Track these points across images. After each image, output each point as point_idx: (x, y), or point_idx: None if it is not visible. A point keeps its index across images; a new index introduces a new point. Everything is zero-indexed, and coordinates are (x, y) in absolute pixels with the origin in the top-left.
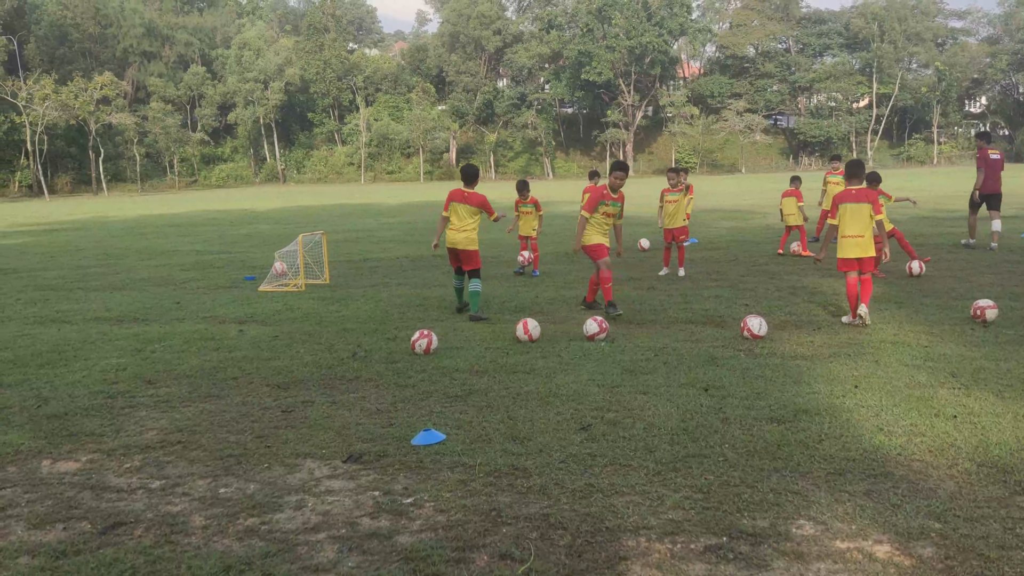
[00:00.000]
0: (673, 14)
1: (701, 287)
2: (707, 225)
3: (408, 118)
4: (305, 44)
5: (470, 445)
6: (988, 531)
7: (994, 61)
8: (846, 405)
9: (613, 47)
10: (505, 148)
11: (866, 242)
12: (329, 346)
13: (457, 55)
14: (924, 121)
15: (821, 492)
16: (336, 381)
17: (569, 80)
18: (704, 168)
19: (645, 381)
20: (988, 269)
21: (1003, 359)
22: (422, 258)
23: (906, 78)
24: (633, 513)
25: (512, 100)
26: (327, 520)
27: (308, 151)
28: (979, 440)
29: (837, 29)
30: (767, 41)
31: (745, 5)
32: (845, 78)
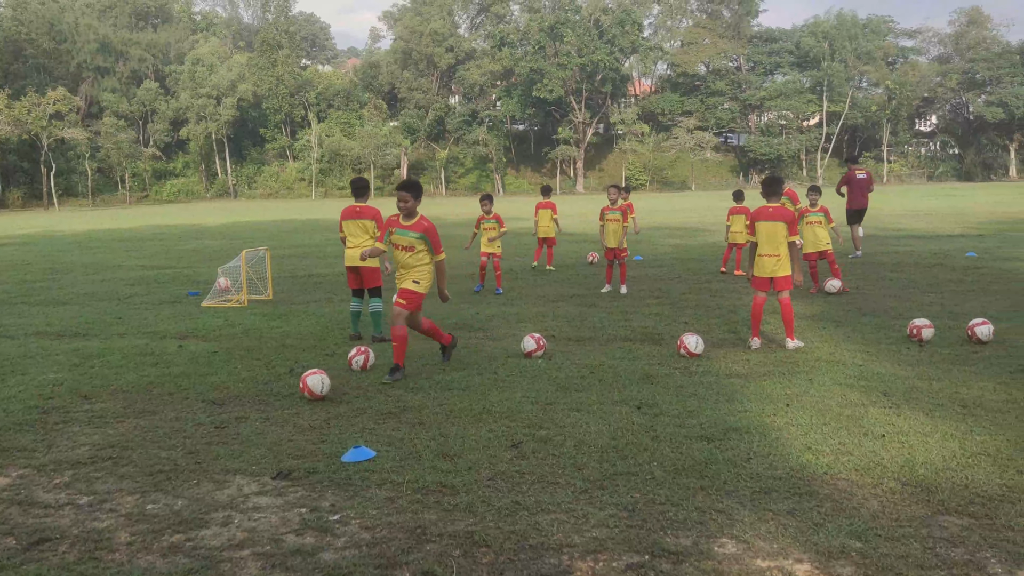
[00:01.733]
0: (624, 32)
1: (642, 304)
2: (652, 242)
3: (360, 134)
4: (258, 60)
5: (400, 462)
6: (908, 551)
7: (944, 80)
8: (776, 424)
9: (564, 65)
10: (456, 164)
11: (781, 261)
12: (267, 362)
13: (409, 72)
14: (874, 139)
15: (746, 510)
16: (272, 397)
17: (520, 97)
18: (654, 185)
19: (579, 398)
20: (929, 289)
21: (936, 378)
22: None
23: (856, 96)
24: (558, 531)
25: (464, 117)
26: (252, 537)
27: (260, 167)
28: (906, 459)
29: (788, 48)
30: (718, 59)
31: (696, 23)
32: (796, 96)
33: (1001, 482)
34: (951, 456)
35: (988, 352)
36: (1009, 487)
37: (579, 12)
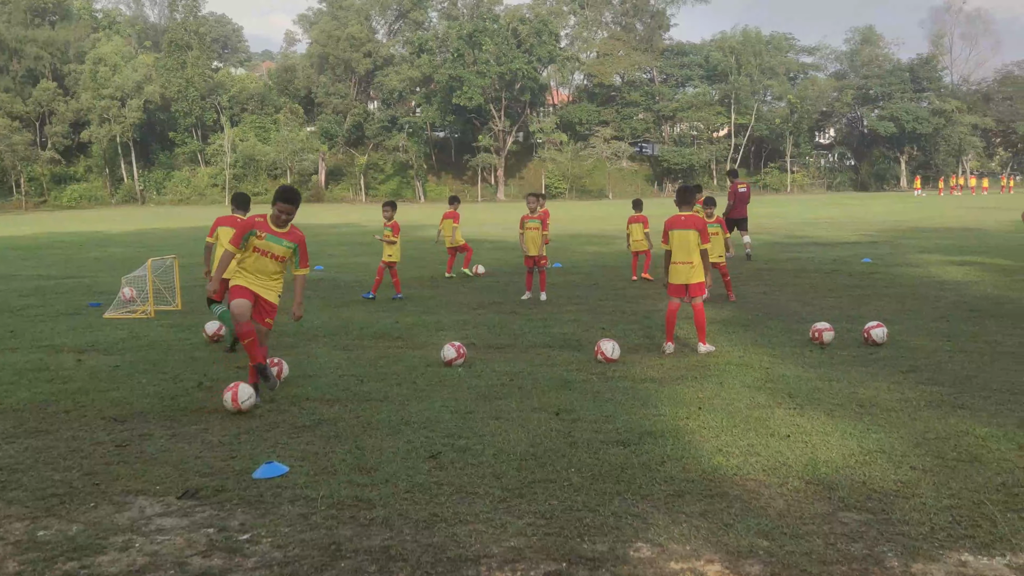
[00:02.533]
0: (542, 42)
1: (561, 311)
2: (571, 250)
3: (275, 139)
4: (166, 61)
5: (314, 477)
6: (812, 547)
7: (841, 95)
8: (689, 427)
9: (484, 73)
10: (376, 171)
11: (695, 268)
12: (174, 376)
13: (326, 76)
14: (778, 151)
15: (660, 514)
16: (178, 413)
17: (440, 104)
18: (573, 193)
19: (498, 406)
20: (830, 293)
21: (836, 379)
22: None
23: (761, 110)
24: (475, 542)
25: (383, 123)
26: (155, 561)
27: (169, 172)
28: (809, 458)
29: (698, 61)
30: (632, 71)
31: (611, 35)
32: (705, 108)
33: (896, 478)
34: (850, 454)
35: (883, 353)
36: (903, 483)
37: (497, 21)
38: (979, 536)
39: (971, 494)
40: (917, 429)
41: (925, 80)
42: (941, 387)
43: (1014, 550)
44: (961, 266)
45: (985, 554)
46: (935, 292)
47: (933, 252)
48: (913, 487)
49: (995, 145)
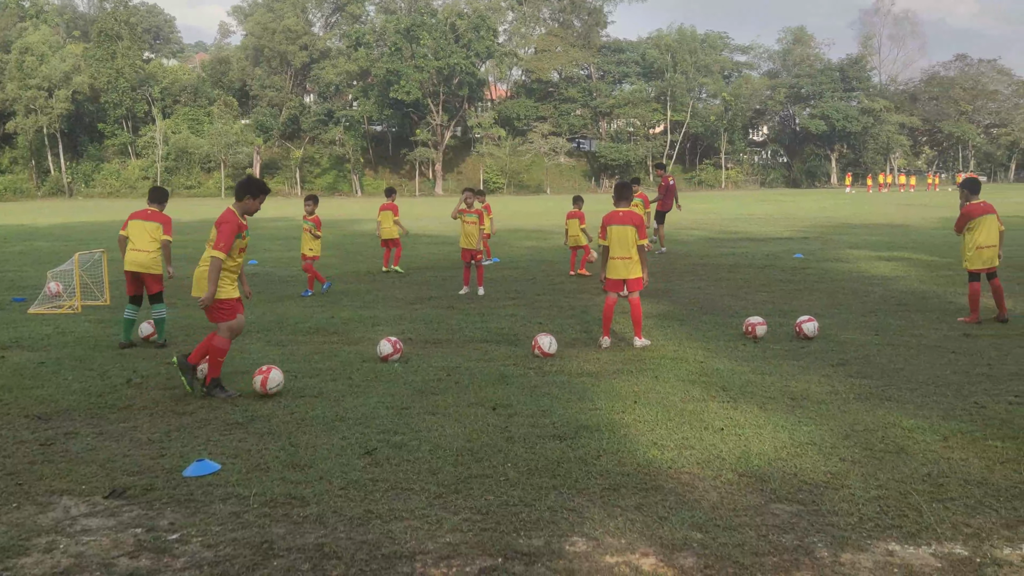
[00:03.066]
0: (480, 37)
1: (498, 306)
2: (508, 244)
3: (209, 132)
4: (95, 51)
5: (246, 474)
6: (744, 539)
7: (774, 94)
8: (625, 420)
9: (421, 67)
10: (312, 164)
11: (632, 263)
12: (102, 372)
13: (262, 69)
14: (713, 148)
15: (596, 508)
16: (106, 410)
17: (378, 98)
18: (511, 189)
19: (435, 402)
20: (763, 288)
21: (768, 373)
22: None
23: (697, 107)
24: (411, 538)
25: (319, 116)
26: (80, 562)
27: (98, 164)
28: (742, 451)
29: (634, 58)
30: (570, 67)
31: (549, 31)
32: (642, 105)
33: (826, 469)
34: (782, 447)
35: (814, 347)
36: (833, 474)
37: (435, 15)
38: (906, 526)
39: (898, 485)
40: (846, 421)
41: (854, 80)
42: (869, 380)
43: (939, 539)
44: (889, 261)
45: (911, 543)
46: (864, 287)
47: (862, 248)
48: (842, 478)
49: (921, 144)
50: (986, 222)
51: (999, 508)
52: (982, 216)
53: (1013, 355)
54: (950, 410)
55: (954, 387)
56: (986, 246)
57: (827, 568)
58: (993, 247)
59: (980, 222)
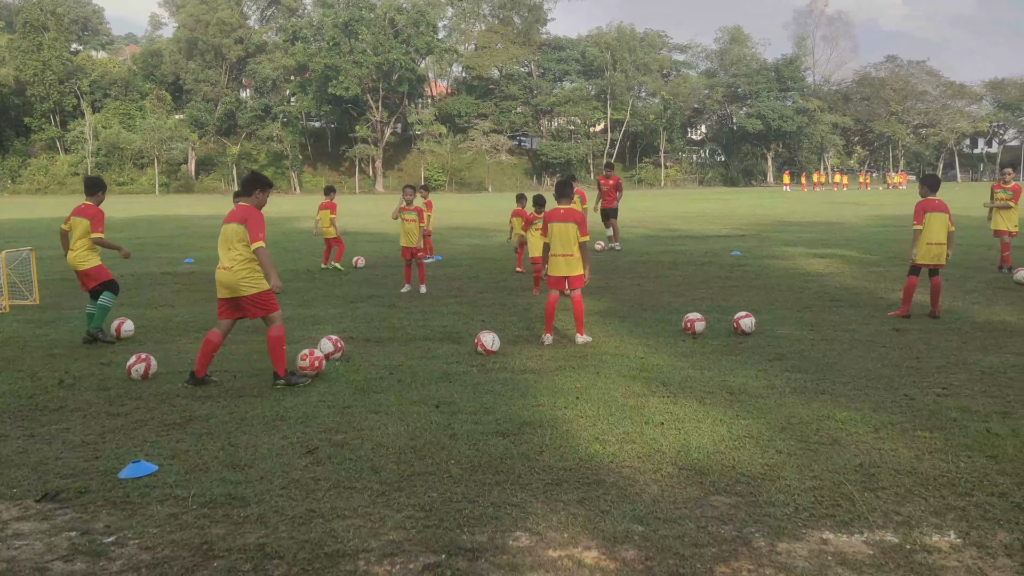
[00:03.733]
0: (420, 32)
1: (441, 304)
2: (450, 242)
3: (141, 127)
4: (20, 43)
5: (185, 475)
6: (684, 531)
7: (712, 93)
8: (567, 416)
9: (360, 62)
10: (249, 161)
11: (574, 260)
12: (32, 373)
13: (196, 63)
14: (653, 146)
15: (539, 503)
16: (37, 412)
17: (316, 94)
18: (453, 186)
19: (377, 400)
20: (701, 285)
21: (707, 368)
22: (148, 276)
23: (636, 105)
24: (353, 537)
25: (256, 112)
26: (12, 568)
27: (25, 159)
28: (681, 444)
29: (575, 56)
30: (511, 64)
31: (489, 28)
32: (583, 103)
33: (763, 462)
34: (720, 440)
35: (751, 342)
36: (770, 466)
37: (374, 10)
38: (839, 515)
39: (832, 475)
40: (783, 414)
41: (789, 80)
42: (805, 374)
43: (871, 527)
44: (823, 258)
45: (845, 532)
46: (799, 283)
47: (797, 245)
48: (779, 470)
49: (854, 143)
50: (934, 219)
51: (928, 496)
52: (932, 212)
53: (940, 349)
54: (881, 402)
55: (885, 380)
56: (934, 243)
57: (764, 558)
58: (940, 244)
59: (930, 218)
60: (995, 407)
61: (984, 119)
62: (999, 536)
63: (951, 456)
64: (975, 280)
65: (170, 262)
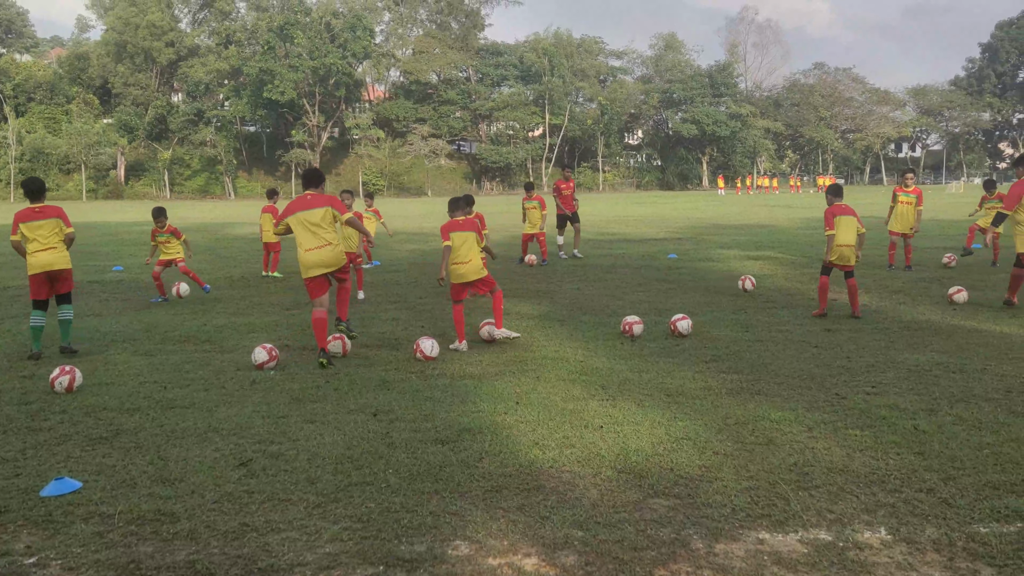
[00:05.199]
0: (356, 37)
1: (380, 310)
2: (389, 248)
3: (67, 131)
4: None
5: (111, 492)
6: (623, 535)
7: (647, 98)
8: (507, 422)
9: (296, 66)
10: (181, 166)
11: (476, 265)
12: None
13: (125, 66)
14: (591, 151)
15: (478, 511)
16: None
17: (251, 98)
18: (392, 191)
19: (313, 409)
20: (639, 287)
21: (645, 370)
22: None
23: (574, 110)
24: (288, 550)
25: (188, 116)
26: None
27: None
28: (620, 448)
29: (512, 61)
30: (449, 69)
31: (427, 33)
32: (521, 108)
33: (700, 463)
34: (659, 442)
35: (687, 344)
36: (707, 467)
37: (309, 14)
38: (775, 515)
39: (767, 475)
40: (719, 415)
41: (723, 86)
42: (740, 375)
43: (805, 526)
44: (757, 260)
45: (780, 531)
46: (734, 285)
47: (732, 247)
48: (716, 471)
49: (785, 148)
50: (843, 222)
51: (859, 494)
52: (841, 216)
53: (869, 348)
54: (814, 402)
55: (817, 380)
56: (844, 244)
57: (702, 559)
58: (850, 246)
59: (839, 222)
60: (922, 404)
61: (908, 124)
62: (927, 531)
63: (881, 453)
64: (900, 280)
65: (98, 270)
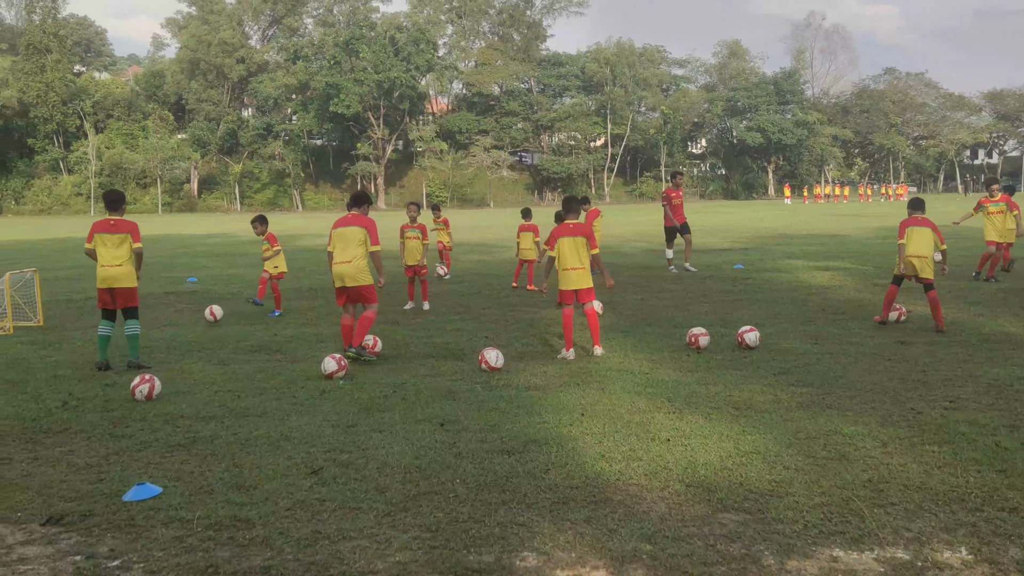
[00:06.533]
0: (420, 50)
1: (444, 320)
2: (453, 259)
3: (144, 147)
4: (24, 64)
5: (189, 497)
6: (693, 549)
7: (711, 107)
8: (573, 433)
9: (361, 80)
10: (251, 179)
11: (584, 274)
12: (36, 395)
13: (198, 82)
14: (653, 160)
15: (545, 522)
16: (41, 435)
17: (317, 112)
18: (455, 202)
19: (381, 419)
20: (704, 298)
21: (712, 383)
22: (152, 296)
23: (636, 120)
24: (359, 558)
25: (258, 130)
26: None
27: (28, 180)
28: (688, 461)
29: (574, 72)
30: (511, 80)
31: (489, 45)
32: (583, 118)
33: (771, 478)
34: (727, 456)
35: (755, 356)
36: (778, 482)
37: (374, 29)
38: (849, 532)
39: (840, 491)
40: (789, 429)
41: (788, 93)
42: (810, 388)
43: (881, 544)
44: (826, 271)
45: (855, 549)
46: (803, 296)
47: (800, 258)
48: (787, 486)
49: (854, 156)
50: (915, 233)
51: (938, 512)
52: (914, 228)
53: (946, 361)
54: (888, 416)
55: (891, 394)
56: (913, 256)
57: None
58: (920, 257)
59: (910, 233)
60: (1003, 420)
61: (984, 130)
62: (1011, 552)
63: (960, 471)
64: (979, 292)
65: (173, 282)
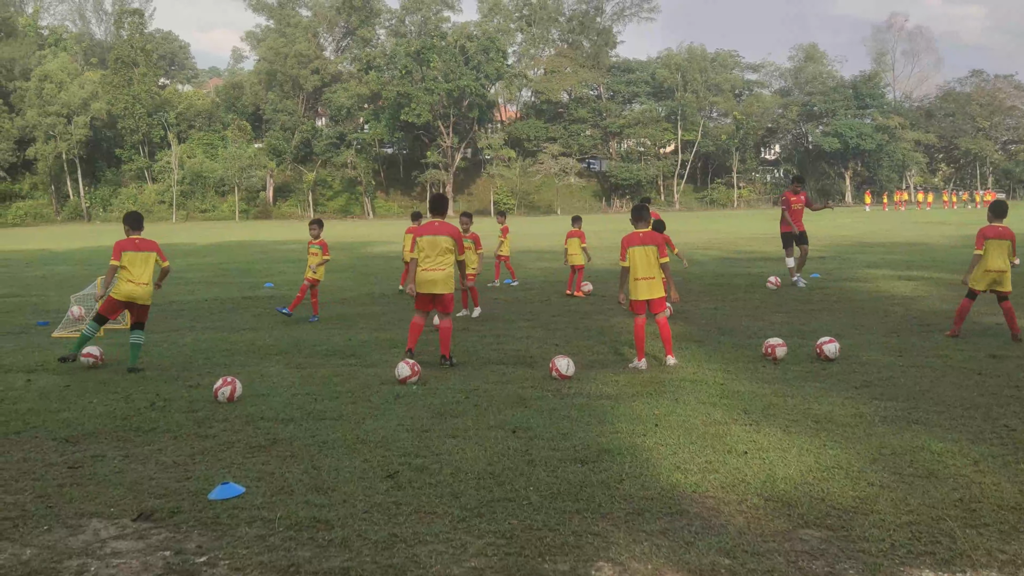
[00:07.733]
0: (490, 59)
1: (514, 327)
2: (521, 266)
3: (223, 156)
4: (112, 78)
5: (271, 497)
6: (773, 565)
7: (786, 112)
8: (646, 444)
9: (432, 89)
10: (324, 187)
11: (656, 283)
12: (126, 395)
13: (274, 93)
14: (725, 167)
15: (620, 532)
16: (131, 433)
17: (389, 121)
18: (522, 209)
19: (454, 424)
20: (779, 308)
21: (790, 395)
22: (231, 300)
23: (708, 126)
24: (436, 562)
25: (331, 139)
26: None
27: (116, 188)
28: (767, 475)
29: (644, 78)
30: (580, 87)
31: (558, 52)
32: (652, 124)
33: (854, 494)
34: (808, 470)
35: (835, 368)
36: (861, 499)
37: (445, 38)
38: (939, 552)
39: (929, 510)
40: (873, 445)
41: (868, 97)
42: (895, 402)
43: (974, 566)
44: (909, 281)
45: (946, 570)
46: (884, 307)
47: (881, 267)
48: (872, 503)
49: (938, 161)
50: (995, 246)
51: None
52: (992, 239)
53: None
54: (979, 433)
55: (982, 409)
56: (994, 270)
57: None
58: (999, 272)
59: (990, 244)
60: None
61: None
62: None
63: None
64: None
65: (251, 287)
